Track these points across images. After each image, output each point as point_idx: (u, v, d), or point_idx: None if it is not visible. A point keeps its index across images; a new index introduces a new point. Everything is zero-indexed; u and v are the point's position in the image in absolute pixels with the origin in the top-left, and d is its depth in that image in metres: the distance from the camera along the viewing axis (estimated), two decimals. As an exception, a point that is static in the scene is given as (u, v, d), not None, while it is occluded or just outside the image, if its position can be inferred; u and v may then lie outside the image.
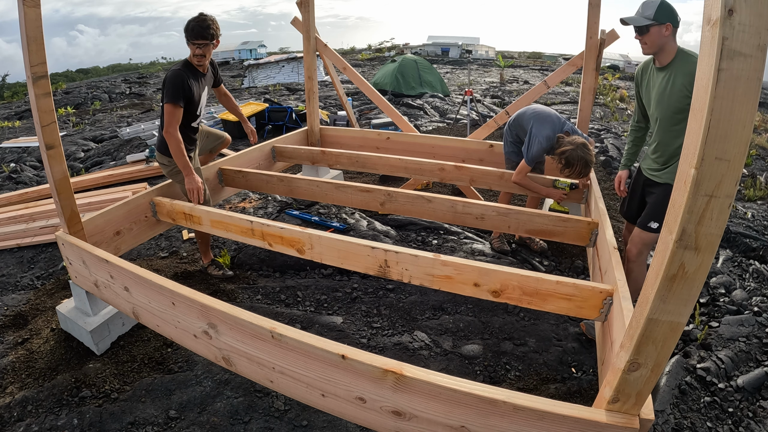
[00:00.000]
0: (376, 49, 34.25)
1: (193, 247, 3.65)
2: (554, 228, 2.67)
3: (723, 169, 0.89)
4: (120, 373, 2.29)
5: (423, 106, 10.01)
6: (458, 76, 17.84)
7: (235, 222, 2.61)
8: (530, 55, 37.29)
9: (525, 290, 1.95)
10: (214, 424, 1.99)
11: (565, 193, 3.10)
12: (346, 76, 4.87)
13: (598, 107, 10.78)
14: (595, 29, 3.41)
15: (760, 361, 2.39)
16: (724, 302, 2.91)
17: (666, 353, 1.10)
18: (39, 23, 1.97)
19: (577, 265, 3.30)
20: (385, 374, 1.39)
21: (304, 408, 2.05)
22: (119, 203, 2.76)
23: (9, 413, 2.06)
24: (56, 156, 2.20)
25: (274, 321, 1.61)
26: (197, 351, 1.92)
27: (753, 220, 4.37)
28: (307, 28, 4.33)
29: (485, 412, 1.31)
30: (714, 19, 0.83)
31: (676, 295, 1.02)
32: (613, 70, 23.26)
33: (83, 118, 10.97)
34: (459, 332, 2.61)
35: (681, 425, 2.03)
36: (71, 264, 2.41)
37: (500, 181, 3.52)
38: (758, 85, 0.84)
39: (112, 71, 40.40)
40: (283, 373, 1.63)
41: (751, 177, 5.96)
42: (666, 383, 2.22)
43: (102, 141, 7.91)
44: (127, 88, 18.39)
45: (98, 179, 5.39)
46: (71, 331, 2.55)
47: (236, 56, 38.76)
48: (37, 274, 3.39)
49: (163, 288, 1.86)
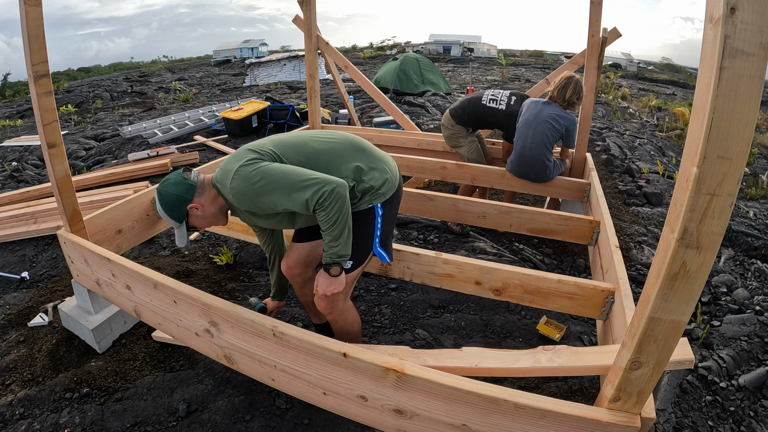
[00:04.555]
0: (378, 48, 34.18)
1: (194, 245, 3.66)
2: (556, 227, 2.67)
3: (725, 168, 0.88)
4: (122, 371, 2.29)
5: (425, 105, 9.99)
6: (460, 74, 17.81)
7: (236, 220, 2.62)
8: (532, 53, 37.18)
9: (527, 289, 1.95)
10: (216, 422, 2.00)
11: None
12: (347, 74, 4.87)
13: (600, 106, 10.76)
14: (597, 27, 3.40)
15: (761, 361, 2.39)
16: (726, 301, 2.90)
17: (667, 352, 1.10)
18: (40, 22, 1.97)
19: (578, 264, 3.30)
20: (387, 372, 1.39)
21: (305, 406, 2.05)
22: (121, 202, 2.76)
23: (11, 411, 2.07)
24: (58, 154, 2.20)
25: (276, 319, 1.61)
26: (199, 349, 1.93)
27: (755, 219, 4.36)
28: (309, 26, 4.32)
29: (487, 410, 1.31)
30: (716, 17, 0.82)
31: (678, 294, 1.02)
32: (615, 68, 23.21)
33: (85, 117, 10.98)
34: (461, 330, 2.61)
35: (682, 424, 2.03)
36: (73, 262, 2.41)
37: (502, 179, 3.53)
38: (760, 83, 0.83)
39: (114, 70, 40.43)
40: (285, 371, 1.63)
41: (753, 176, 5.94)
42: (667, 382, 2.22)
43: (103, 140, 7.91)
44: (128, 86, 18.40)
45: (100, 178, 5.40)
46: (73, 329, 2.56)
47: (238, 54, 38.74)
48: (39, 272, 3.40)
49: (165, 286, 1.86)
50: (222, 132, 7.77)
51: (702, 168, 0.89)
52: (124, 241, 2.77)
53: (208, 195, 1.71)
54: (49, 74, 2.07)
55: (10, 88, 25.07)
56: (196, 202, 1.69)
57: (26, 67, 2.02)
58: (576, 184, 3.32)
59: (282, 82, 16.40)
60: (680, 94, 15.77)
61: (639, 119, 9.61)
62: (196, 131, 7.97)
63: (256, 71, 18.44)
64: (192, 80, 20.14)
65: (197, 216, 1.72)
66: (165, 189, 1.68)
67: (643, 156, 6.35)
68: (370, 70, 18.37)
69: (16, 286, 3.23)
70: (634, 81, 20.26)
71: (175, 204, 1.68)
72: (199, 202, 1.70)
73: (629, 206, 4.64)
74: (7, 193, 5.00)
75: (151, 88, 17.79)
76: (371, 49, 34.15)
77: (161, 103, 12.93)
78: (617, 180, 5.42)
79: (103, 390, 2.18)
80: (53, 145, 2.17)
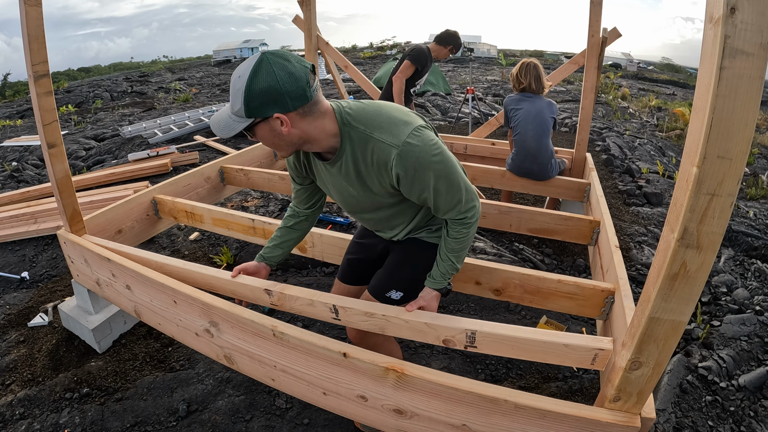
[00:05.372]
0: (378, 48, 34.14)
1: (194, 245, 3.66)
2: (556, 227, 2.67)
3: (725, 168, 0.88)
4: (122, 371, 2.30)
5: (424, 104, 9.99)
6: (460, 74, 17.79)
7: (236, 220, 2.62)
8: (532, 53, 37.16)
9: (527, 289, 1.95)
10: (216, 422, 2.00)
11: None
12: (347, 74, 4.87)
13: (600, 105, 10.75)
14: (597, 27, 3.40)
15: (761, 361, 2.39)
16: (726, 301, 2.90)
17: (667, 352, 1.10)
18: (40, 22, 1.97)
19: (578, 264, 3.30)
20: (387, 372, 1.39)
21: (305, 406, 2.05)
22: (121, 201, 2.77)
23: (11, 411, 2.07)
24: (58, 154, 2.20)
25: (276, 319, 1.61)
26: (199, 349, 1.93)
27: (755, 219, 4.36)
28: (309, 26, 4.32)
29: (487, 410, 1.31)
30: (716, 17, 0.82)
31: (678, 294, 1.02)
32: (615, 68, 23.21)
33: (85, 117, 10.97)
34: (460, 331, 2.61)
35: (682, 424, 2.03)
36: (73, 262, 2.41)
37: (502, 179, 3.53)
38: (760, 83, 0.83)
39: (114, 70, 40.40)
40: (285, 371, 1.63)
41: (753, 176, 5.95)
42: (667, 382, 2.22)
43: (103, 139, 7.91)
44: (128, 86, 18.38)
45: (100, 178, 5.40)
46: (73, 329, 2.56)
47: (238, 54, 38.73)
48: (39, 272, 3.40)
49: (165, 286, 1.86)
50: (222, 132, 7.76)
51: (702, 168, 0.89)
52: (124, 241, 2.76)
53: (311, 119, 1.26)
54: (49, 74, 2.06)
55: (10, 88, 25.02)
56: (290, 115, 1.23)
57: (26, 67, 2.02)
58: (576, 184, 3.32)
59: (282, 82, 16.33)
60: (680, 94, 15.76)
61: (639, 119, 9.61)
62: (196, 131, 7.97)
63: (256, 71, 18.37)
64: (192, 80, 20.13)
65: (271, 131, 1.26)
66: (275, 68, 1.17)
67: (643, 156, 6.35)
68: (370, 70, 18.36)
69: (16, 286, 3.23)
70: (634, 81, 20.24)
71: (270, 94, 1.18)
72: (293, 118, 1.24)
73: (629, 206, 4.64)
74: (7, 193, 5.00)
75: (151, 88, 17.77)
76: (371, 49, 34.10)
77: (161, 103, 12.92)
78: (617, 180, 5.42)
79: (103, 390, 2.18)
80: (53, 145, 2.17)
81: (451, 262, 1.50)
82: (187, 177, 3.32)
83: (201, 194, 3.44)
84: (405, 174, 1.30)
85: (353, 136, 1.33)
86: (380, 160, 1.32)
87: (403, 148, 1.27)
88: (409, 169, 1.29)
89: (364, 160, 1.35)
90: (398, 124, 1.31)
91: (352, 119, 1.32)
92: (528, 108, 3.32)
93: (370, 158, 1.33)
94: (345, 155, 1.36)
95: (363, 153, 1.34)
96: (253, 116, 1.22)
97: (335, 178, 1.45)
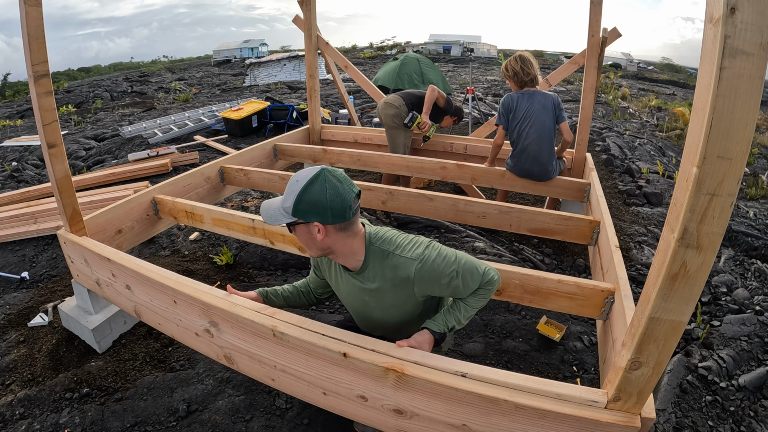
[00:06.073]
0: (378, 48, 34.15)
1: (194, 245, 3.66)
2: (556, 227, 2.67)
3: (725, 168, 0.88)
4: (122, 371, 2.30)
5: (424, 105, 9.98)
6: (460, 74, 17.80)
7: (236, 220, 2.62)
8: (532, 53, 37.15)
9: (526, 288, 1.95)
10: (216, 422, 2.00)
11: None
12: (347, 74, 4.87)
13: (600, 105, 10.76)
14: (597, 27, 3.40)
15: (761, 361, 2.39)
16: (726, 301, 2.90)
17: (667, 352, 1.10)
18: (40, 22, 1.97)
19: (578, 264, 3.30)
20: (387, 372, 1.39)
21: (305, 406, 2.06)
22: (121, 201, 2.77)
23: (11, 411, 2.07)
24: (58, 154, 2.20)
25: (276, 319, 1.61)
26: (199, 349, 1.93)
27: (755, 219, 4.36)
28: (309, 26, 4.32)
29: (487, 410, 1.31)
30: (716, 17, 0.82)
31: (678, 294, 1.02)
32: (615, 68, 23.22)
33: (85, 117, 10.98)
34: (460, 330, 2.60)
35: (682, 424, 2.03)
36: (73, 262, 2.41)
37: (502, 179, 3.53)
38: (760, 83, 0.83)
39: (114, 70, 40.42)
40: (285, 371, 1.63)
41: (753, 176, 5.95)
42: (667, 382, 2.22)
43: (103, 140, 7.91)
44: (128, 86, 18.39)
45: (100, 178, 5.40)
46: (73, 329, 2.56)
47: (238, 54, 38.77)
48: (39, 272, 3.40)
49: (165, 286, 1.86)
50: (222, 132, 7.78)
51: (702, 168, 0.89)
52: (124, 241, 2.77)
53: (344, 235, 1.44)
54: (49, 74, 2.07)
55: (10, 88, 25.04)
56: (327, 227, 1.40)
57: (26, 67, 2.02)
58: (576, 184, 3.32)
59: (282, 82, 16.40)
60: (680, 94, 15.77)
61: (639, 119, 9.61)
62: (196, 131, 7.97)
63: (256, 71, 18.43)
64: (192, 80, 20.14)
65: (308, 234, 1.44)
66: (327, 185, 1.37)
67: (643, 156, 6.35)
68: (370, 70, 18.36)
69: (16, 286, 3.23)
70: (634, 81, 20.26)
71: (316, 205, 1.36)
72: (329, 230, 1.41)
73: (629, 206, 4.64)
74: (7, 193, 5.00)
75: (151, 88, 17.78)
76: (371, 49, 34.13)
77: (161, 103, 12.93)
78: (617, 180, 5.42)
79: (103, 390, 2.18)
80: (53, 145, 2.17)
81: (462, 313, 1.56)
82: (187, 177, 3.32)
83: (201, 194, 3.44)
84: (429, 281, 1.48)
85: (377, 254, 1.51)
86: (401, 274, 1.49)
87: (417, 257, 1.46)
88: (427, 274, 1.46)
89: (383, 275, 1.51)
90: (411, 243, 1.51)
91: (376, 239, 1.53)
92: (529, 107, 3.28)
93: (391, 273, 1.50)
94: (368, 269, 1.53)
95: (383, 267, 1.51)
96: (297, 217, 1.40)
97: (353, 287, 1.61)
